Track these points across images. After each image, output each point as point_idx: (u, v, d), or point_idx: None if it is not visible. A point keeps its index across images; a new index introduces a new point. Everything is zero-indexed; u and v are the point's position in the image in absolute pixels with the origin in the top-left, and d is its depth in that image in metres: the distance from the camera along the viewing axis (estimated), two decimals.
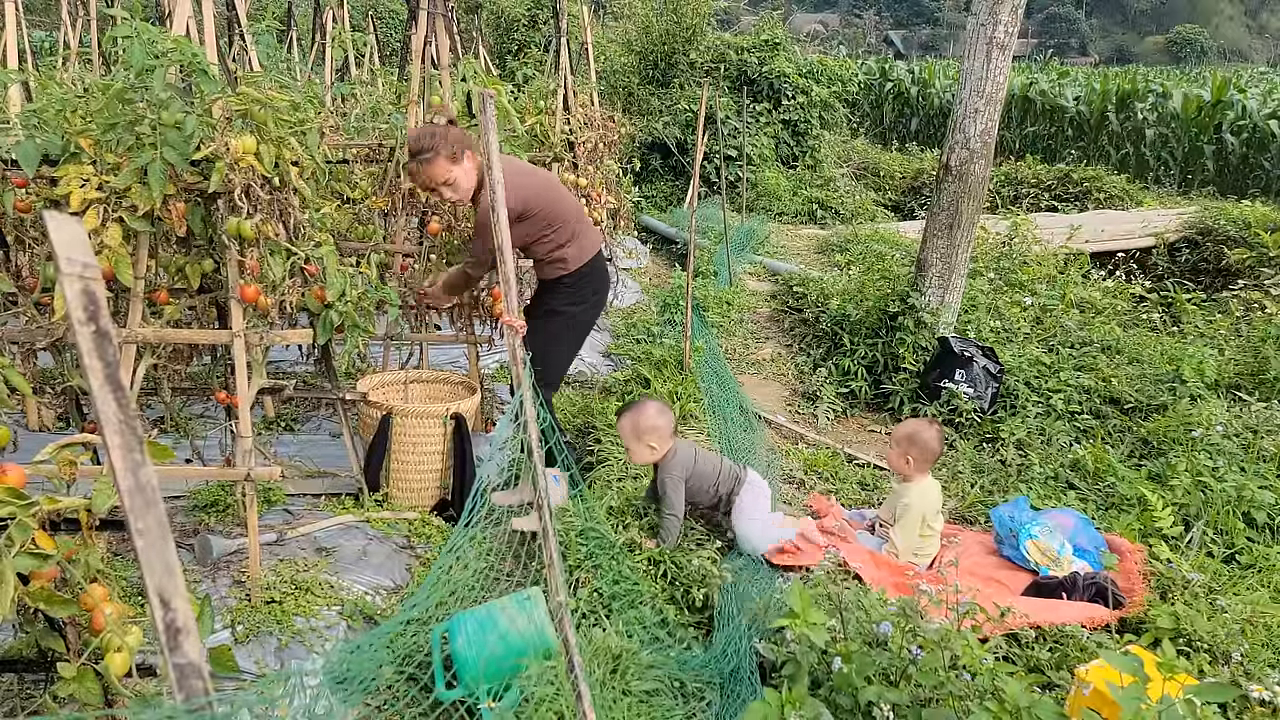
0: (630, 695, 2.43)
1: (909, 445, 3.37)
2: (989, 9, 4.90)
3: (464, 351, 4.72)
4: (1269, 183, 13.72)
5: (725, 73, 11.90)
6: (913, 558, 3.30)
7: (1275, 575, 3.14)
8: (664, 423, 3.30)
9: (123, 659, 1.81)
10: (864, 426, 5.17)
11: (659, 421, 3.29)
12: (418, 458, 3.66)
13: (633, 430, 3.30)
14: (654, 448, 3.29)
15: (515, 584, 3.05)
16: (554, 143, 6.09)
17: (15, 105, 3.84)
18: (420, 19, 4.18)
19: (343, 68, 8.59)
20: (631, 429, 3.30)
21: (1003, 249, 7.49)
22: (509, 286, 2.53)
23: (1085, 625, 2.73)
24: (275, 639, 2.68)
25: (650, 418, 3.29)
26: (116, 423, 0.94)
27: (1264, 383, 4.67)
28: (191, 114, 2.68)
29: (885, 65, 21.86)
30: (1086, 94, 16.81)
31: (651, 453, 3.31)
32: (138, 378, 2.99)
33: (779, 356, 6.04)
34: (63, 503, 1.89)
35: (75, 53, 5.93)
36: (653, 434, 3.28)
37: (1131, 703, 1.80)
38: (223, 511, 3.35)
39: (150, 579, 0.97)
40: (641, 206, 10.34)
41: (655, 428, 3.28)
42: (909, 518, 3.28)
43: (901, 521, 3.31)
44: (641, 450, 3.31)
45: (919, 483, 3.38)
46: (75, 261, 0.91)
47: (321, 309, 3.13)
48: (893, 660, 2.22)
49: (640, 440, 3.29)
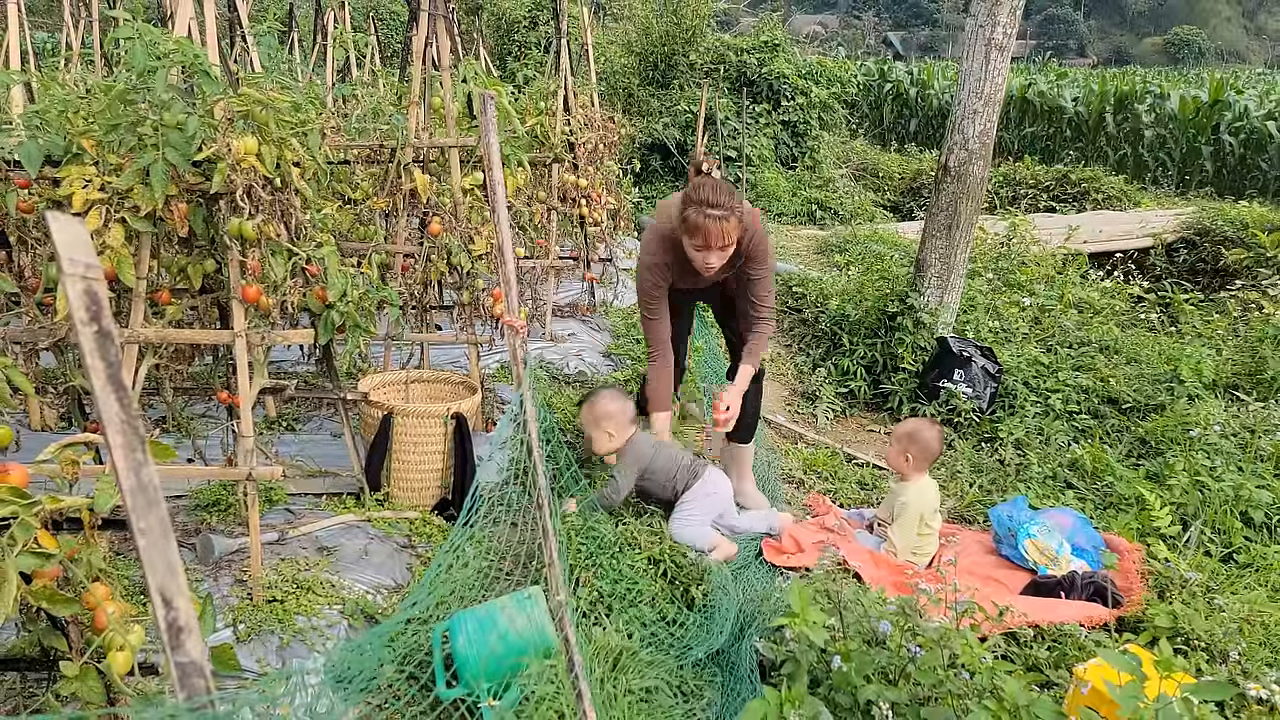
0: (630, 694, 2.43)
1: (909, 443, 3.39)
2: (987, 10, 4.91)
3: (464, 351, 4.73)
4: (1266, 183, 13.74)
5: (725, 74, 11.90)
6: (911, 556, 3.31)
7: (1272, 574, 3.14)
8: (617, 408, 3.35)
9: (125, 658, 1.82)
10: (863, 426, 5.18)
11: (612, 407, 3.34)
12: (419, 457, 3.67)
13: (591, 418, 3.37)
14: (612, 435, 3.35)
15: (515, 583, 3.06)
16: (554, 143, 6.11)
17: (18, 106, 3.85)
18: (421, 20, 4.19)
19: (344, 69, 8.60)
20: (590, 416, 3.38)
21: (1001, 249, 7.50)
22: (509, 286, 2.54)
23: (1083, 624, 2.74)
24: (277, 638, 2.69)
25: (604, 404, 3.36)
26: (119, 422, 0.95)
27: (1261, 382, 4.68)
28: (193, 115, 2.69)
29: (884, 66, 21.87)
30: (1085, 95, 16.83)
31: (610, 440, 3.36)
32: (140, 377, 3.00)
33: (778, 356, 6.05)
34: (65, 502, 1.90)
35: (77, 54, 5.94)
36: (609, 420, 3.33)
37: (1129, 701, 1.81)
38: (224, 511, 3.36)
39: (152, 578, 0.98)
40: (641, 207, 10.35)
41: (609, 414, 3.33)
42: (906, 516, 3.30)
43: (899, 520, 3.32)
44: (600, 438, 3.37)
45: (916, 482, 3.40)
46: (78, 262, 0.92)
47: (323, 309, 3.13)
48: (892, 659, 2.22)
49: (599, 428, 3.36)
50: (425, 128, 4.32)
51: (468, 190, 4.24)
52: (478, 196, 4.27)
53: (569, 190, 6.30)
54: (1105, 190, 12.11)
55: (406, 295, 4.25)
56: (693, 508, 3.30)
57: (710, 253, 3.08)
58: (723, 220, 3.00)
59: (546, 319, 6.17)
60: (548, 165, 6.12)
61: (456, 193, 4.17)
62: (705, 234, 3.02)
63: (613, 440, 3.36)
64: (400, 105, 4.63)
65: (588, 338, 6.32)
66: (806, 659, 2.25)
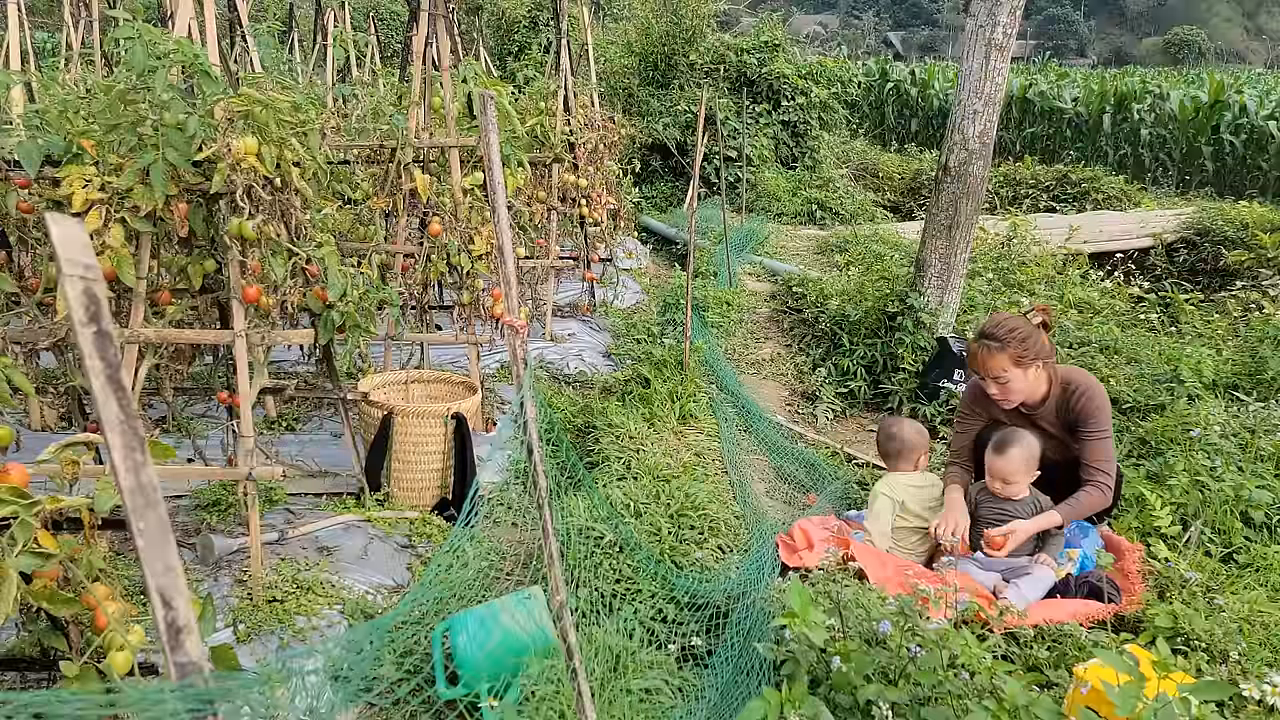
0: (630, 694, 2.43)
1: (881, 441, 3.62)
2: (987, 11, 4.91)
3: (464, 351, 4.73)
4: (1267, 183, 13.74)
5: (725, 74, 11.90)
6: (903, 551, 3.31)
7: (1273, 574, 3.14)
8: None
9: (125, 658, 1.82)
10: (863, 426, 5.18)
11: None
12: (419, 457, 3.67)
13: (1027, 459, 3.12)
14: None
15: (515, 583, 3.06)
16: (554, 144, 6.11)
17: (18, 106, 3.85)
18: (421, 20, 4.19)
19: (344, 69, 8.60)
20: (1026, 460, 3.13)
21: (1001, 249, 7.50)
22: (509, 286, 2.53)
23: (1083, 622, 2.74)
24: (277, 638, 2.69)
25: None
26: (118, 423, 0.95)
27: (1261, 382, 4.68)
28: (193, 115, 2.69)
29: (885, 66, 21.86)
30: (1085, 95, 16.84)
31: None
32: (140, 378, 3.00)
33: (778, 356, 6.05)
34: (65, 502, 1.90)
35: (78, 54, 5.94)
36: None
37: (1128, 701, 1.81)
38: (224, 511, 3.36)
39: (152, 578, 0.98)
40: (641, 207, 10.35)
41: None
42: (875, 505, 3.38)
43: (869, 509, 3.40)
44: (1027, 479, 3.15)
45: (890, 474, 3.52)
46: (77, 262, 0.92)
47: (323, 309, 3.14)
48: (892, 659, 2.22)
49: (1031, 467, 3.14)
50: (425, 128, 4.32)
51: (468, 190, 4.24)
52: (478, 196, 4.27)
53: (569, 190, 6.31)
54: (1105, 190, 12.11)
55: (406, 295, 4.25)
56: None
57: (986, 381, 3.23)
58: (992, 351, 3.14)
59: (547, 319, 6.17)
60: (548, 165, 6.12)
61: (456, 193, 4.17)
62: (977, 361, 3.21)
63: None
64: (400, 105, 4.63)
65: (588, 338, 6.32)
66: (806, 659, 2.25)
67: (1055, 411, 3.27)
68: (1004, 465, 3.11)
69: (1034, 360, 3.17)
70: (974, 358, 3.24)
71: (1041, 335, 3.20)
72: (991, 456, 3.16)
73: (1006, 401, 3.25)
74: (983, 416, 3.43)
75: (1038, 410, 3.29)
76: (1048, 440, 3.26)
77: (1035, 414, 3.30)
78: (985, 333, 3.21)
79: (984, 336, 3.20)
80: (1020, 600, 2.84)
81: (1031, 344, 3.15)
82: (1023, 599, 2.86)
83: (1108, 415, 3.20)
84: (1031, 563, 3.10)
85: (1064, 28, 75.85)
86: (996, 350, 3.14)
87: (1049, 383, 3.25)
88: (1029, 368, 3.17)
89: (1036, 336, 3.17)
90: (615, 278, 7.41)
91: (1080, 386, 3.21)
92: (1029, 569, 3.07)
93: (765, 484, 4.26)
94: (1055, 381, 3.25)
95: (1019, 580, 3.00)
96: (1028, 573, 3.04)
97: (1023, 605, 2.75)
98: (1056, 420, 3.28)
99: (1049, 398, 3.26)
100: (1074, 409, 3.21)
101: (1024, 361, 3.15)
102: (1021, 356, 3.14)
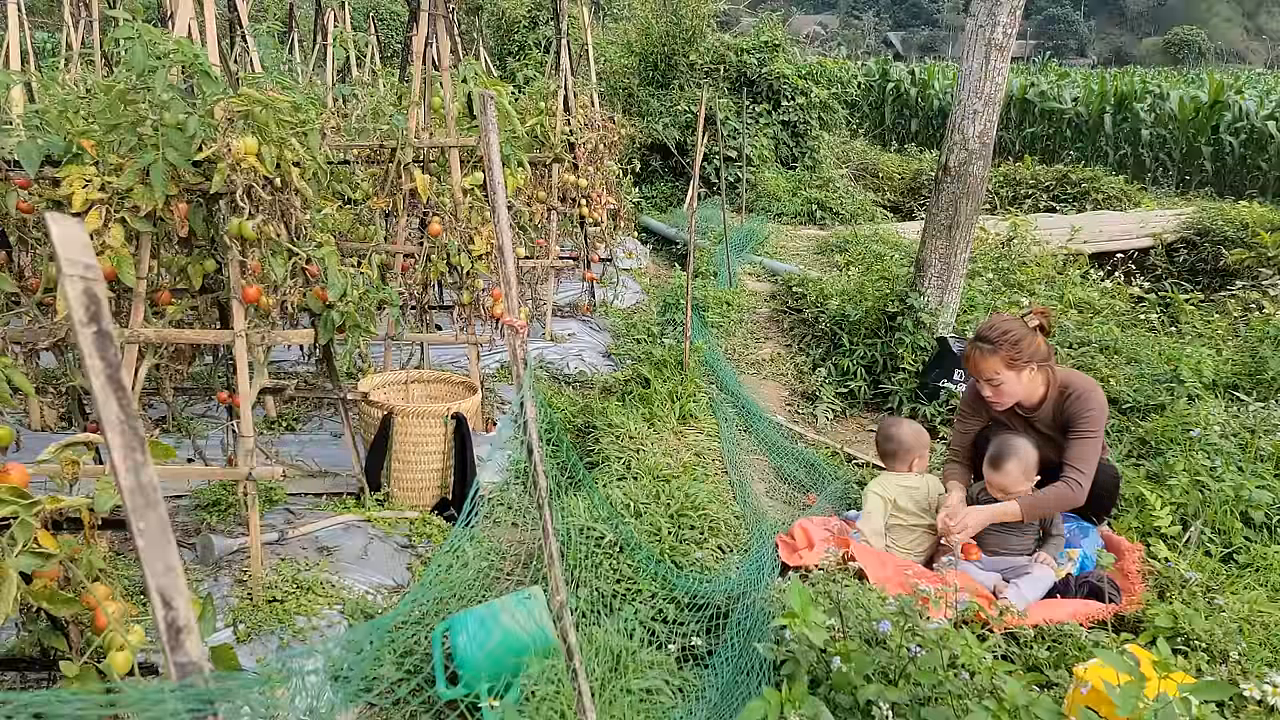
0: (630, 694, 2.43)
1: (879, 441, 3.62)
2: (987, 11, 4.91)
3: (464, 351, 4.73)
4: (1266, 183, 13.74)
5: (725, 74, 11.90)
6: (899, 550, 3.31)
7: (1273, 574, 3.14)
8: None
9: (125, 658, 1.82)
10: (863, 426, 5.18)
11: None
12: (419, 457, 3.67)
13: (1024, 469, 3.12)
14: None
15: (515, 583, 3.06)
16: (554, 144, 6.11)
17: (18, 106, 3.85)
18: (421, 20, 4.19)
19: (344, 69, 8.60)
20: (1022, 472, 3.12)
21: (1002, 249, 7.50)
22: (509, 286, 2.53)
23: (1083, 622, 2.74)
24: (277, 638, 2.69)
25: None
26: (118, 423, 0.95)
27: (1261, 382, 4.68)
28: (193, 115, 2.69)
29: (885, 66, 21.85)
30: (1085, 95, 16.83)
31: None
32: (140, 378, 3.00)
33: (778, 356, 6.05)
34: (65, 502, 1.90)
35: (78, 54, 5.94)
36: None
37: (1128, 701, 1.81)
38: (224, 511, 3.36)
39: (151, 578, 0.98)
40: (641, 207, 10.35)
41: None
42: (867, 504, 3.39)
43: (863, 507, 3.40)
44: (1027, 486, 3.14)
45: (883, 474, 3.56)
46: (77, 262, 0.92)
47: (323, 309, 3.14)
48: (892, 659, 2.22)
49: (1029, 475, 3.13)
50: (425, 128, 4.32)
51: (468, 190, 4.24)
52: (478, 196, 4.27)
53: (569, 190, 6.31)
54: (1105, 190, 12.11)
55: (406, 295, 4.25)
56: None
57: (980, 383, 3.25)
58: (984, 354, 3.17)
59: (547, 319, 6.17)
60: (548, 165, 6.13)
61: (456, 193, 4.17)
62: (970, 363, 3.24)
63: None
64: (400, 105, 4.63)
65: (588, 338, 6.32)
66: (806, 659, 2.24)
67: (1052, 414, 3.27)
68: (1001, 479, 3.13)
69: (1027, 363, 3.17)
70: (968, 360, 3.26)
71: (1037, 338, 3.20)
72: (989, 471, 3.17)
73: (1000, 404, 3.26)
74: (982, 416, 3.43)
75: (1035, 413, 3.29)
76: (1045, 443, 3.26)
77: (1033, 416, 3.30)
78: (978, 335, 3.22)
79: (977, 339, 3.22)
80: (1020, 600, 2.84)
81: (1025, 347, 3.14)
82: (1023, 599, 2.87)
83: (1099, 419, 3.19)
84: (1031, 563, 3.11)
85: (1064, 28, 75.85)
86: (989, 353, 3.16)
87: (1046, 385, 3.25)
88: (1022, 370, 3.17)
89: (1031, 339, 3.17)
90: (615, 278, 7.41)
91: (1076, 389, 3.21)
92: (1029, 569, 3.07)
93: (765, 484, 4.26)
94: (1054, 384, 3.25)
95: (1019, 580, 3.00)
96: (1028, 573, 3.04)
97: (1023, 605, 2.75)
98: (1053, 423, 3.28)
99: (1046, 400, 3.26)
100: (1067, 410, 3.22)
101: (1017, 364, 3.15)
102: (1014, 359, 3.14)
